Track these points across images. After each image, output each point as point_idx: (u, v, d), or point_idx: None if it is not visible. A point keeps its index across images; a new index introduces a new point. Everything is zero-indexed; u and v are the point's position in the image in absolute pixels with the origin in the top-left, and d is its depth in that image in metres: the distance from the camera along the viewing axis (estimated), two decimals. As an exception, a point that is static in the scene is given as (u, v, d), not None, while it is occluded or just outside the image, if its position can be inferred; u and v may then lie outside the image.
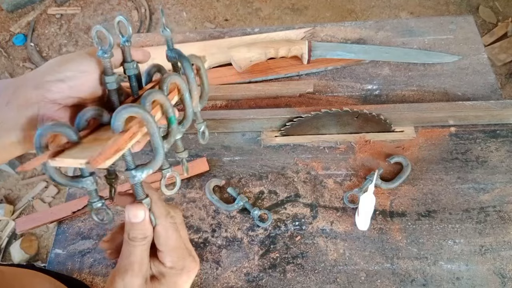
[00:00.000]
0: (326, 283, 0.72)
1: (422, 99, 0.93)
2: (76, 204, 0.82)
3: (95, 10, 2.53)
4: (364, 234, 0.76)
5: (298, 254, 0.75)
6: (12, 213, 1.85)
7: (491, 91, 0.93)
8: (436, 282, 0.71)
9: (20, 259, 1.71)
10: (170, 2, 2.51)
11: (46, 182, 1.92)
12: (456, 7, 2.33)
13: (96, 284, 0.75)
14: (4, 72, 2.33)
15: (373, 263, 0.73)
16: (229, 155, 0.88)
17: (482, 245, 0.74)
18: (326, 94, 0.95)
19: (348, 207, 0.79)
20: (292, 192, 0.82)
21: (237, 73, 0.97)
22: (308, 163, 0.85)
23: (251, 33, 1.06)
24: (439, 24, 1.04)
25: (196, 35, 1.08)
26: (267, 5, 2.45)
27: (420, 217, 0.77)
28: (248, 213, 0.80)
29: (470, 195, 0.79)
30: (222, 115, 0.86)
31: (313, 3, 2.44)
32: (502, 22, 2.23)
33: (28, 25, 2.49)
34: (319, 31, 1.05)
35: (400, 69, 0.98)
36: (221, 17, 2.43)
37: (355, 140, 0.87)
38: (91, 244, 0.79)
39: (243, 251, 0.76)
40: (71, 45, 2.40)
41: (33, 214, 0.83)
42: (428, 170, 0.83)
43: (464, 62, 0.97)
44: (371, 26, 1.05)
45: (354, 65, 0.99)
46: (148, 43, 1.07)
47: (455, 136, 0.87)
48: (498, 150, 0.84)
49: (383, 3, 2.40)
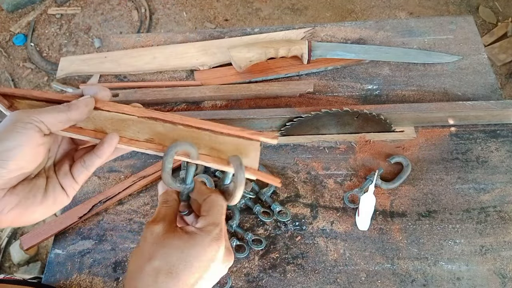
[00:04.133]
0: (326, 284, 0.72)
1: (422, 99, 0.93)
2: (81, 209, 0.81)
3: (95, 10, 2.53)
4: (364, 234, 0.76)
5: (298, 255, 0.75)
6: (12, 213, 1.85)
7: (491, 91, 0.92)
8: (437, 282, 0.71)
9: (20, 259, 1.71)
10: (170, 2, 2.51)
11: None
12: (456, 7, 2.33)
13: (96, 284, 0.75)
14: (4, 72, 2.33)
15: (374, 264, 0.73)
16: (229, 155, 0.87)
17: (483, 245, 0.74)
18: (326, 94, 0.95)
19: (348, 207, 0.79)
20: (292, 192, 0.82)
21: (237, 73, 0.97)
22: (308, 163, 0.85)
23: (251, 33, 1.06)
24: (439, 24, 1.04)
25: (196, 35, 1.08)
26: (267, 5, 2.45)
27: (421, 217, 0.77)
28: (249, 213, 0.80)
29: (470, 195, 0.79)
30: (222, 115, 0.86)
31: (313, 3, 2.44)
32: (502, 22, 2.23)
33: (28, 25, 2.49)
34: (319, 31, 1.05)
35: (400, 69, 0.98)
36: (221, 17, 2.43)
37: (355, 140, 0.87)
38: (91, 245, 0.79)
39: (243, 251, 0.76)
40: (71, 45, 2.40)
41: (38, 228, 0.79)
42: (429, 170, 0.83)
43: (464, 62, 0.97)
44: (371, 26, 1.05)
45: (354, 65, 0.99)
46: (148, 43, 1.07)
47: (455, 136, 0.87)
48: (498, 150, 0.84)
49: (383, 3, 2.40)
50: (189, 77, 1.01)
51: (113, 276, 0.75)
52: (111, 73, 1.02)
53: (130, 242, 0.79)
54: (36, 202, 0.42)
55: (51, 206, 0.44)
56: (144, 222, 0.81)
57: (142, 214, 0.82)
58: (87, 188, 0.85)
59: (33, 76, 2.31)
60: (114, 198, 0.82)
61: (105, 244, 0.79)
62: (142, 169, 0.86)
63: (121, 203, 0.83)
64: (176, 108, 0.95)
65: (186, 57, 1.01)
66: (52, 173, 0.45)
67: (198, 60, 1.00)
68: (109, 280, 0.75)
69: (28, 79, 2.30)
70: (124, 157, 0.89)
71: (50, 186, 0.44)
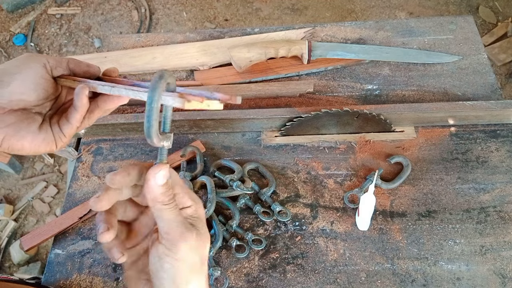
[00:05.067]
0: (326, 284, 0.72)
1: (422, 99, 0.93)
2: (81, 210, 0.81)
3: (95, 10, 2.53)
4: (364, 234, 0.76)
5: (298, 255, 0.75)
6: (12, 213, 1.85)
7: (491, 91, 0.92)
8: (437, 282, 0.71)
9: (20, 259, 1.71)
10: (170, 2, 2.51)
11: (45, 182, 1.92)
12: (456, 7, 2.33)
13: (96, 284, 0.75)
14: (4, 72, 2.33)
15: (373, 264, 0.73)
16: (229, 155, 0.87)
17: (483, 245, 0.74)
18: (326, 94, 0.95)
19: (348, 207, 0.79)
20: (292, 192, 0.82)
21: (237, 73, 0.97)
22: (308, 163, 0.85)
23: (251, 33, 1.06)
24: (439, 24, 1.04)
25: (196, 35, 1.08)
26: (267, 5, 2.45)
27: (421, 217, 0.77)
28: (249, 213, 0.80)
29: (470, 195, 0.79)
30: (222, 115, 0.86)
31: (313, 3, 2.44)
32: (502, 22, 2.23)
33: (28, 25, 2.49)
34: (319, 31, 1.05)
35: (400, 69, 0.98)
36: (221, 17, 2.43)
37: (355, 140, 0.87)
38: (90, 245, 0.79)
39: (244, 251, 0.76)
40: (71, 45, 2.40)
41: (38, 229, 0.79)
42: (429, 170, 0.83)
43: (464, 62, 0.97)
44: (371, 26, 1.05)
45: (354, 65, 0.99)
46: (148, 43, 1.07)
47: (455, 136, 0.87)
48: (498, 150, 0.84)
49: (383, 3, 2.40)
50: (189, 77, 1.01)
51: (113, 276, 0.75)
52: (111, 73, 1.02)
53: (130, 242, 0.79)
54: (29, 131, 0.46)
55: (41, 144, 0.47)
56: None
57: (142, 214, 0.81)
58: (87, 188, 0.85)
59: (33, 76, 2.31)
60: (114, 198, 0.82)
61: (105, 244, 0.79)
62: (142, 169, 0.86)
63: (121, 203, 0.83)
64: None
65: (186, 57, 1.01)
66: (48, 119, 0.49)
67: (198, 60, 1.00)
68: (109, 280, 0.75)
69: (28, 79, 2.30)
70: (124, 157, 0.89)
71: (44, 126, 0.48)
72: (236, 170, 0.81)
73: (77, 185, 0.86)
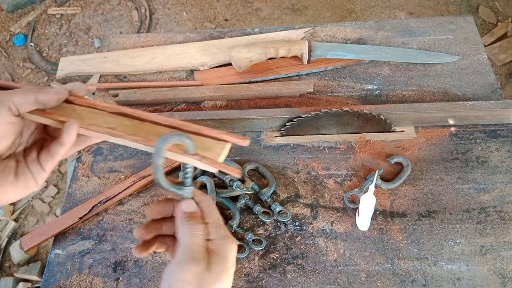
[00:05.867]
0: (327, 284, 0.72)
1: (422, 99, 0.93)
2: (81, 210, 0.81)
3: (95, 10, 2.53)
4: (364, 235, 0.76)
5: (298, 255, 0.75)
6: (12, 212, 1.85)
7: (491, 91, 0.92)
8: (437, 282, 0.71)
9: (20, 259, 1.71)
10: (170, 2, 2.51)
11: (46, 182, 1.92)
12: (456, 7, 2.33)
13: (96, 284, 0.75)
14: (4, 72, 2.33)
15: (374, 264, 0.73)
16: (229, 155, 0.87)
17: (483, 245, 0.74)
18: (326, 94, 0.95)
19: (349, 207, 0.79)
20: (292, 192, 0.82)
21: (237, 73, 0.97)
22: (308, 163, 0.85)
23: (251, 33, 1.06)
24: (439, 24, 1.04)
25: (196, 35, 1.08)
26: (267, 5, 2.45)
27: (421, 218, 0.77)
28: (249, 213, 0.80)
29: (470, 195, 0.79)
30: (222, 115, 0.86)
31: (313, 3, 2.44)
32: (502, 22, 2.23)
33: (28, 25, 2.49)
34: (319, 31, 1.05)
35: (400, 69, 0.98)
36: (221, 17, 2.43)
37: (355, 140, 0.87)
38: (90, 245, 0.79)
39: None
40: (71, 45, 2.40)
41: (38, 229, 0.79)
42: (429, 170, 0.83)
43: (464, 62, 0.97)
44: (371, 26, 1.05)
45: (354, 65, 0.99)
46: (148, 43, 1.07)
47: (455, 136, 0.87)
48: (498, 150, 0.84)
49: (383, 3, 2.40)
50: (189, 77, 1.01)
51: (113, 276, 0.75)
52: (111, 73, 1.02)
53: (130, 242, 0.79)
54: (7, 182, 0.44)
55: (22, 189, 0.45)
56: (144, 222, 0.81)
57: (142, 214, 0.82)
58: (87, 189, 0.85)
59: (33, 76, 2.31)
60: (114, 198, 0.82)
61: (105, 244, 0.79)
62: (142, 169, 0.86)
63: (121, 203, 0.83)
64: (176, 108, 0.95)
65: (186, 57, 1.01)
66: (22, 158, 0.46)
67: (198, 60, 1.00)
68: (109, 280, 0.75)
69: (28, 79, 2.30)
70: (124, 157, 0.89)
71: (20, 170, 0.45)
72: None
73: (77, 185, 0.86)
